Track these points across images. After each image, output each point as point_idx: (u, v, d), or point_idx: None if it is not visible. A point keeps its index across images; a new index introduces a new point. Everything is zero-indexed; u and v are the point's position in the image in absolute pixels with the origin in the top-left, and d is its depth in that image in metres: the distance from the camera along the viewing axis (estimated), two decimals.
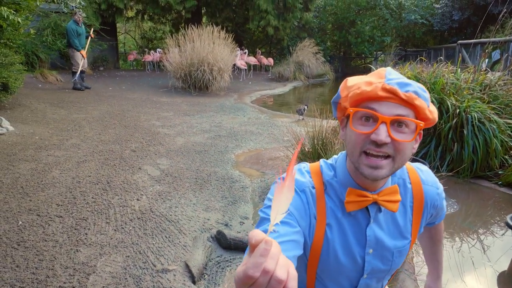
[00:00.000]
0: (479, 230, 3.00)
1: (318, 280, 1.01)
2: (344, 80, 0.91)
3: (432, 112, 0.86)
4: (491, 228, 3.05)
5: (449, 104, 3.74)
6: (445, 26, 18.02)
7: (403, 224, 0.98)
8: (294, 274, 0.51)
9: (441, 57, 4.57)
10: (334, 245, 0.94)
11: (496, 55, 9.45)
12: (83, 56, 9.14)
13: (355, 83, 0.87)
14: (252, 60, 14.54)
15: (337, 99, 0.93)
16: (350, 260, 0.96)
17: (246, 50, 14.10)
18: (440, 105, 3.81)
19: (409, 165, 1.03)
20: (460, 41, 11.37)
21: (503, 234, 2.93)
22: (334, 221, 0.94)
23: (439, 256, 1.24)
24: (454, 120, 3.67)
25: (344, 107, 0.90)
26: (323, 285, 1.03)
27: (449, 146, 3.75)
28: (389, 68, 0.88)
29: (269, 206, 0.89)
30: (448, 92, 3.92)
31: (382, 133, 0.80)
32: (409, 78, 4.15)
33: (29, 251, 2.24)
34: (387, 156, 0.84)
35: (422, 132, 0.90)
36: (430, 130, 3.93)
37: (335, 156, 1.01)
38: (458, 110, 3.69)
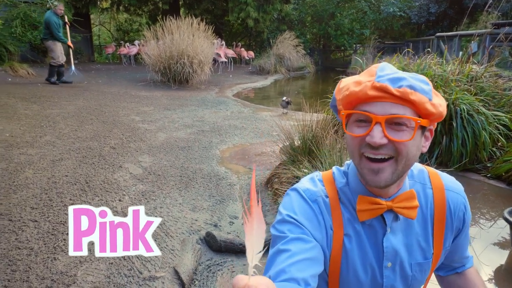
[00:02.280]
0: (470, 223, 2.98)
1: None
2: (339, 82, 0.85)
3: (436, 105, 0.76)
4: (480, 221, 3.04)
5: None
6: (422, 19, 18.28)
7: (422, 235, 0.88)
8: None
9: (428, 49, 4.53)
10: (353, 258, 0.86)
11: (473, 46, 9.61)
12: (71, 47, 8.78)
13: (345, 83, 0.80)
14: (230, 52, 14.29)
15: (334, 103, 0.86)
16: (369, 276, 0.87)
17: (224, 42, 13.82)
18: None
19: (432, 169, 0.93)
20: (438, 34, 11.52)
21: (491, 226, 2.91)
22: (352, 231, 0.86)
23: None
24: None
25: (340, 110, 0.83)
26: None
27: (438, 139, 3.71)
28: (382, 64, 0.80)
29: (283, 221, 0.83)
30: (436, 84, 3.88)
31: (377, 135, 0.73)
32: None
33: (0, 261, 2.03)
34: (388, 158, 0.76)
35: (433, 128, 0.82)
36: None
37: (347, 161, 0.92)
38: (446, 103, 3.65)
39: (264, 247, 0.53)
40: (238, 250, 2.39)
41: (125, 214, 2.48)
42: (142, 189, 3.15)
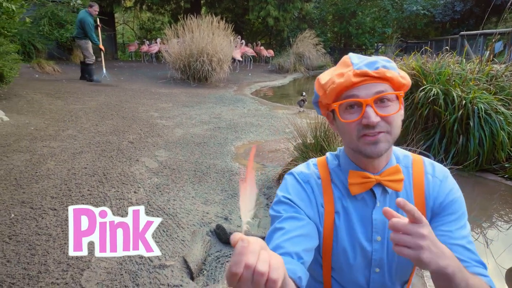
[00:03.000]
0: (483, 224, 2.93)
1: (334, 278, 1.01)
2: (316, 80, 0.94)
3: (404, 77, 0.89)
4: (496, 222, 2.98)
5: (454, 95, 3.64)
6: (447, 17, 17.81)
7: None
8: (276, 265, 0.55)
9: (446, 47, 4.46)
10: (342, 235, 0.94)
11: (499, 46, 9.33)
12: (102, 50, 9.09)
13: (328, 79, 0.89)
14: (250, 51, 14.34)
15: (317, 99, 0.96)
16: (357, 251, 0.94)
17: (244, 41, 13.88)
18: (446, 96, 3.71)
19: (416, 156, 1.02)
20: (462, 32, 11.23)
21: (509, 228, 2.86)
22: (341, 209, 0.95)
23: None
24: (460, 112, 3.58)
25: (326, 103, 0.93)
26: (340, 284, 1.01)
27: (454, 138, 3.66)
28: (351, 54, 0.91)
29: (279, 202, 0.94)
30: (453, 83, 3.82)
31: (371, 115, 0.83)
32: (413, 68, 4.05)
33: (21, 245, 2.15)
34: (381, 132, 0.86)
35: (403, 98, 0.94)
36: (434, 121, 3.84)
37: (339, 147, 1.03)
38: (464, 102, 3.59)
39: (253, 208, 0.61)
40: None
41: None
42: (156, 182, 3.24)
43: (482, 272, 0.87)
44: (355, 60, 0.87)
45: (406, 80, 0.89)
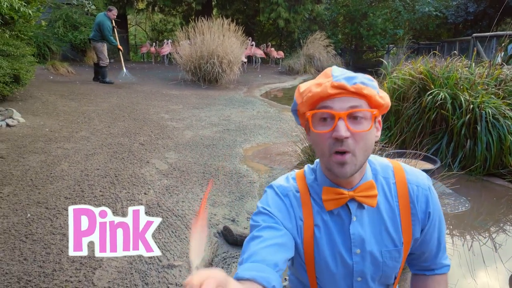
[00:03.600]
0: (491, 229, 2.94)
1: (319, 285, 1.03)
2: (297, 88, 0.95)
3: (383, 97, 0.90)
4: (504, 227, 2.99)
5: (462, 99, 3.65)
6: (459, 18, 17.62)
7: (391, 224, 0.97)
8: None
9: (455, 51, 4.45)
10: (323, 247, 0.97)
11: (511, 48, 9.21)
12: (121, 50, 9.44)
13: (306, 87, 0.90)
14: (258, 52, 14.43)
15: (295, 107, 0.97)
16: (338, 262, 0.97)
17: (253, 42, 13.96)
18: (453, 100, 3.72)
19: (397, 163, 1.03)
20: (475, 34, 11.10)
21: None
22: (321, 222, 0.97)
23: None
24: (468, 116, 3.59)
25: (302, 112, 0.94)
26: None
27: (462, 142, 3.66)
28: (334, 67, 0.92)
29: (259, 212, 0.97)
30: (461, 87, 3.82)
31: (341, 129, 0.84)
32: (421, 72, 4.07)
33: (36, 244, 2.25)
34: (347, 152, 0.86)
35: (381, 120, 0.95)
36: (442, 125, 3.85)
37: (317, 160, 1.03)
38: (471, 106, 3.60)
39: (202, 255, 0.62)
40: None
41: (149, 207, 2.66)
42: (166, 183, 3.33)
43: (446, 270, 1.08)
44: (335, 73, 0.89)
45: (385, 100, 0.90)
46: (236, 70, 9.92)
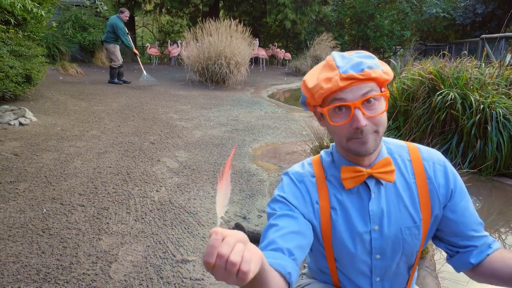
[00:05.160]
0: (501, 229, 2.94)
1: (339, 269, 1.05)
2: (302, 82, 0.96)
3: (387, 72, 0.91)
4: None
5: (472, 99, 3.64)
6: (467, 20, 17.54)
7: (409, 201, 0.99)
8: (249, 258, 0.58)
9: (465, 52, 4.45)
10: (340, 228, 0.99)
11: None
12: (136, 54, 9.57)
13: (315, 84, 0.91)
14: (262, 53, 14.48)
15: (304, 100, 1.01)
16: (356, 241, 0.99)
17: (256, 42, 13.98)
18: (463, 100, 3.72)
19: (411, 144, 1.06)
20: (483, 35, 11.06)
21: None
22: (338, 204, 0.99)
23: None
24: (478, 116, 3.58)
25: (314, 105, 0.96)
26: (345, 274, 1.06)
27: (472, 142, 3.66)
28: (334, 56, 0.92)
29: (275, 200, 0.99)
30: (471, 87, 3.82)
31: (360, 118, 0.86)
32: (430, 73, 4.07)
33: (53, 238, 2.30)
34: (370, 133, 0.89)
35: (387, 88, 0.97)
36: (451, 126, 3.85)
37: (332, 143, 1.06)
38: (482, 106, 3.60)
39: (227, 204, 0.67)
40: None
41: (161, 204, 2.71)
42: (177, 181, 3.37)
43: (495, 246, 0.99)
44: (339, 63, 0.89)
45: (389, 75, 0.92)
46: (243, 71, 9.97)
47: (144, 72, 9.52)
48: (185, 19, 20.36)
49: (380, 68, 0.90)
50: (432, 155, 1.02)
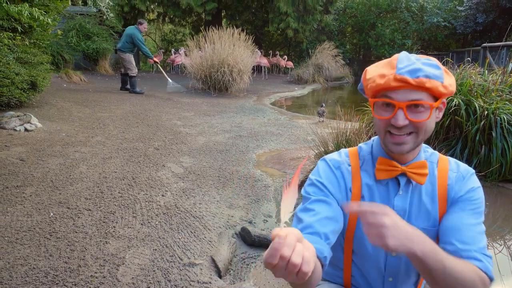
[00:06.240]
0: (507, 236, 2.93)
1: (354, 262, 1.08)
2: (364, 71, 1.01)
3: (447, 86, 0.91)
4: None
5: (476, 106, 3.66)
6: (468, 29, 17.65)
7: (430, 206, 1.02)
8: (309, 258, 0.61)
9: (468, 58, 4.48)
10: None
11: None
12: (157, 62, 9.87)
13: (371, 76, 0.95)
14: (264, 61, 14.59)
15: (362, 87, 1.04)
16: None
17: (257, 51, 14.10)
18: (467, 106, 3.73)
19: (444, 156, 1.08)
20: (484, 44, 11.12)
21: None
22: (367, 194, 1.03)
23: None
24: (482, 122, 3.60)
25: (367, 95, 1.01)
26: (359, 268, 1.08)
27: (476, 148, 3.67)
28: (401, 55, 0.94)
29: (311, 184, 1.03)
30: (475, 93, 3.84)
31: (400, 118, 0.90)
32: None
33: (60, 242, 2.30)
34: (410, 133, 0.93)
35: (445, 100, 0.99)
36: (456, 132, 3.86)
37: (375, 137, 1.10)
38: (486, 112, 3.61)
39: (292, 211, 0.70)
40: None
41: (167, 208, 2.71)
42: (183, 186, 3.37)
43: (479, 257, 0.89)
44: (400, 64, 0.91)
45: (448, 89, 0.92)
46: (246, 79, 10.03)
47: (169, 79, 9.68)
48: (188, 28, 20.55)
49: (440, 80, 0.89)
50: (459, 166, 1.04)
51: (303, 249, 0.61)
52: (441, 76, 0.90)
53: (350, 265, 1.08)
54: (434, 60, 0.93)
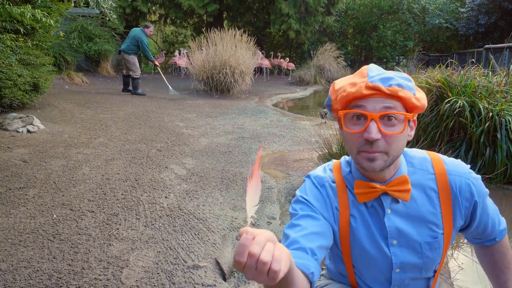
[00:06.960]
0: None
1: (357, 275, 1.05)
2: (332, 84, 0.96)
3: (420, 99, 0.88)
4: None
5: (481, 107, 3.64)
6: (470, 30, 17.65)
7: (430, 217, 0.97)
8: (279, 257, 0.57)
9: (472, 59, 4.46)
10: (360, 235, 0.98)
11: None
12: (158, 66, 10.03)
13: (341, 86, 0.91)
14: (265, 63, 14.60)
15: (329, 102, 0.98)
16: (377, 251, 0.98)
17: (259, 53, 14.11)
18: (472, 108, 3.71)
19: (435, 155, 1.03)
20: (487, 46, 11.11)
21: None
22: (357, 213, 0.98)
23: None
24: (487, 124, 3.58)
25: (336, 108, 0.94)
26: (362, 280, 1.05)
27: (481, 150, 3.64)
28: (371, 66, 0.91)
29: (297, 201, 1.00)
30: (480, 95, 3.82)
31: (373, 130, 0.84)
32: (438, 80, 4.08)
33: (64, 244, 2.29)
34: (380, 151, 0.87)
35: (416, 119, 0.95)
36: (460, 134, 3.84)
37: None
38: (490, 114, 3.59)
39: (258, 204, 0.67)
40: None
41: (170, 210, 2.69)
42: (186, 188, 3.36)
43: (504, 233, 1.09)
44: (372, 73, 0.88)
45: (421, 102, 0.89)
46: (248, 80, 10.03)
47: (170, 86, 9.83)
48: (190, 29, 20.56)
49: (412, 92, 0.87)
50: (457, 168, 0.99)
51: (273, 248, 0.58)
52: (413, 88, 0.88)
53: (353, 275, 1.05)
54: (407, 75, 0.91)
